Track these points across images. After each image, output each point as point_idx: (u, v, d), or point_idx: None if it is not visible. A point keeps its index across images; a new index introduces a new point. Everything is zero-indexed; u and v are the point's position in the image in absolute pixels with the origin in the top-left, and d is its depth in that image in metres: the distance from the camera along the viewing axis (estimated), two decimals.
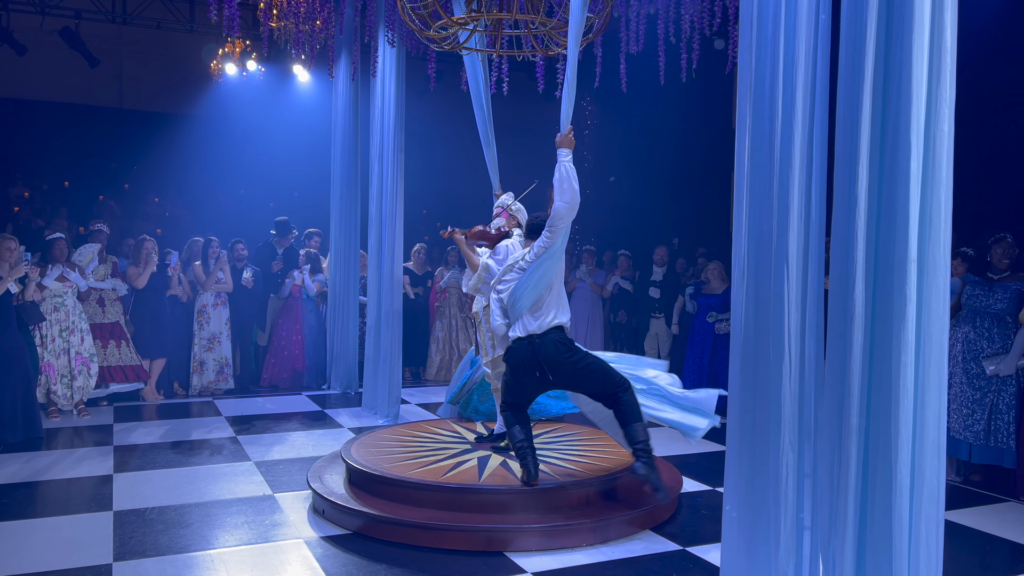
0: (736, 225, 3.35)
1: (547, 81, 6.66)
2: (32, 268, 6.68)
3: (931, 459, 2.77)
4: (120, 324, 7.73)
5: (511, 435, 4.64)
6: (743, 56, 3.32)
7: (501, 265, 5.18)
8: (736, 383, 3.34)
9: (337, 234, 8.80)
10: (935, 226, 2.74)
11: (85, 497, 5.10)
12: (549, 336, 4.53)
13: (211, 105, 12.22)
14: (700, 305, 8.30)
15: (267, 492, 5.24)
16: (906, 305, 2.75)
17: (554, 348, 4.50)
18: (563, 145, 4.46)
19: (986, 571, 4.19)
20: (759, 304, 3.24)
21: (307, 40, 7.81)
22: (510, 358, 4.63)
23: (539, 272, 4.49)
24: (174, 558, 4.11)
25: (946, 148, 2.74)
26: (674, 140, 11.00)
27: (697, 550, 4.31)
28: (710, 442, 6.77)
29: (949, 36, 2.72)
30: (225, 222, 10.58)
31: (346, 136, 8.77)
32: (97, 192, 12.02)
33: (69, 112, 11.87)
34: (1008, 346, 5.39)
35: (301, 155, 12.13)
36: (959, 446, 5.53)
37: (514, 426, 4.63)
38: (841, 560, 2.91)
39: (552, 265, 4.52)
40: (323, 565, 4.06)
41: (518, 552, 4.22)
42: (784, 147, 3.15)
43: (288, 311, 8.96)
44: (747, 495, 3.27)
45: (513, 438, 4.62)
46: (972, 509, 5.08)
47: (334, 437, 6.72)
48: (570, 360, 4.53)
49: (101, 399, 7.69)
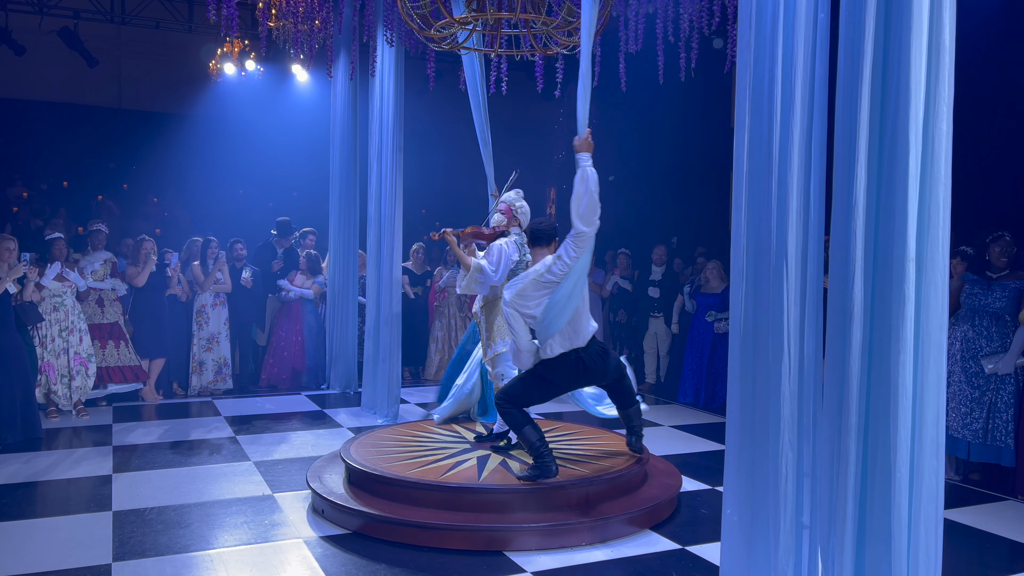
0: (735, 224, 3.35)
1: (546, 81, 6.66)
2: (30, 268, 6.68)
3: (930, 458, 2.77)
4: (119, 324, 7.73)
5: (525, 437, 4.58)
6: (742, 55, 3.32)
7: (494, 265, 5.17)
8: (735, 382, 3.34)
9: (336, 234, 8.80)
10: (934, 225, 2.74)
11: (84, 497, 5.10)
12: (593, 347, 4.56)
13: (210, 105, 12.22)
14: (699, 304, 8.31)
15: (266, 492, 5.24)
16: (904, 304, 2.75)
17: (599, 357, 4.58)
18: (582, 149, 4.24)
19: (985, 569, 4.20)
20: (758, 303, 3.24)
21: (306, 40, 7.80)
22: (550, 371, 4.54)
23: (569, 289, 4.35)
24: (173, 558, 4.11)
25: (944, 147, 2.74)
26: (673, 139, 11.00)
27: (697, 549, 4.31)
28: (709, 441, 6.79)
29: (948, 35, 2.72)
30: (224, 222, 10.57)
31: (345, 136, 8.76)
32: (96, 192, 12.01)
33: (68, 112, 11.86)
34: (1007, 345, 5.40)
35: (300, 155, 12.12)
36: (958, 445, 5.54)
37: (526, 426, 4.58)
38: (840, 559, 2.92)
39: (582, 280, 4.43)
40: (323, 565, 4.06)
41: (518, 551, 4.22)
42: (783, 146, 3.15)
43: (287, 311, 8.95)
44: (746, 494, 3.28)
45: (528, 439, 4.56)
46: (971, 508, 5.09)
47: (333, 437, 6.72)
48: (607, 363, 4.63)
49: (100, 399, 7.69)
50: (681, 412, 7.96)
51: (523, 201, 5.41)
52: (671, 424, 7.43)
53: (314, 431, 6.97)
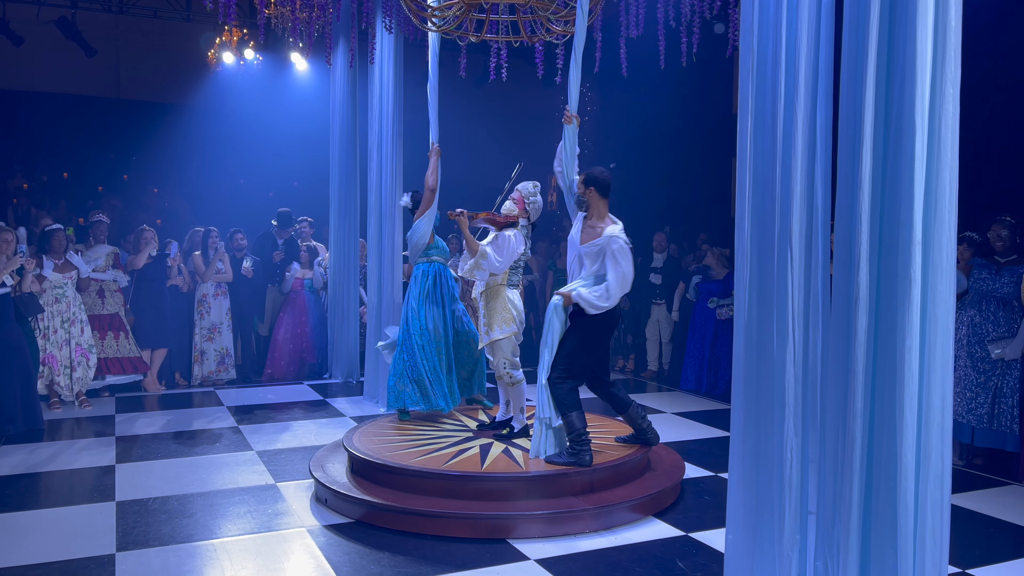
0: (739, 209, 3.32)
1: (547, 67, 6.61)
2: (28, 260, 6.67)
3: (936, 443, 2.75)
4: (119, 316, 7.71)
5: (571, 422, 4.56)
6: (745, 38, 3.28)
7: (500, 254, 5.13)
8: (739, 368, 3.32)
9: (336, 223, 8.77)
10: (940, 208, 2.71)
11: (87, 488, 5.10)
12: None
13: (209, 94, 12.16)
14: (701, 291, 8.29)
15: (269, 481, 5.23)
16: (911, 288, 2.72)
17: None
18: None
19: (989, 554, 4.18)
20: (762, 289, 3.22)
21: (304, 27, 7.76)
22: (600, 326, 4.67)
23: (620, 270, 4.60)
24: (177, 548, 4.11)
25: (951, 129, 2.70)
26: (674, 125, 10.94)
27: (701, 536, 4.30)
28: (712, 428, 6.78)
29: (953, 15, 2.68)
30: (225, 212, 10.55)
31: (345, 124, 8.72)
32: (96, 183, 11.98)
33: (67, 103, 11.81)
34: (1014, 330, 5.37)
35: (300, 144, 12.07)
36: (963, 429, 5.52)
37: (574, 412, 4.57)
38: (846, 545, 2.90)
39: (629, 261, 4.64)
40: (326, 554, 4.05)
41: (521, 539, 4.22)
42: (787, 129, 3.12)
43: (291, 304, 8.92)
44: (751, 480, 3.26)
45: (574, 426, 4.56)
46: (975, 492, 5.08)
47: (336, 426, 6.71)
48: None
49: (102, 390, 7.68)
50: (684, 399, 7.95)
51: (539, 196, 5.32)
52: (674, 411, 7.42)
53: (316, 420, 6.96)
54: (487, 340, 5.22)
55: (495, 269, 5.14)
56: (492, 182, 6.74)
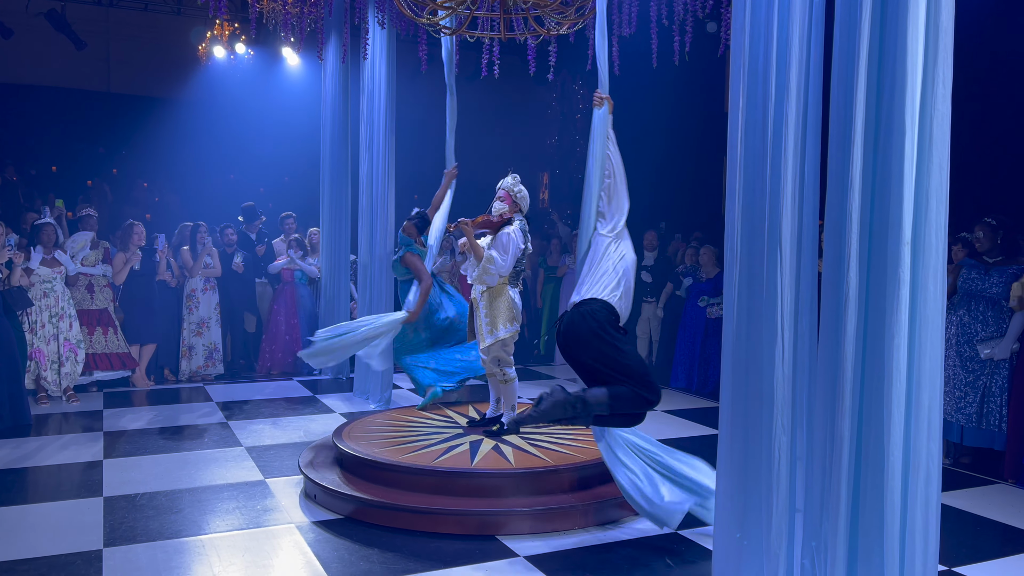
0: (729, 208, 3.32)
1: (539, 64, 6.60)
2: (15, 253, 6.62)
3: (926, 441, 2.76)
4: (108, 311, 7.67)
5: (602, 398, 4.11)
6: (736, 37, 3.28)
7: (504, 254, 5.08)
8: (728, 367, 3.33)
9: (327, 219, 8.74)
10: (930, 208, 2.72)
11: (75, 483, 5.07)
12: None
13: (200, 89, 12.11)
14: (691, 290, 8.30)
15: (258, 477, 5.22)
16: (900, 288, 2.73)
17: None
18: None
19: (976, 552, 4.21)
20: (752, 287, 3.22)
21: (296, 22, 7.71)
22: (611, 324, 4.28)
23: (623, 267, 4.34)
24: (165, 543, 4.09)
25: (942, 129, 2.71)
26: (666, 124, 10.95)
27: (689, 533, 4.32)
28: (702, 426, 6.80)
29: (945, 15, 2.69)
30: (215, 207, 10.50)
31: (336, 120, 8.69)
32: (86, 177, 11.92)
33: (56, 96, 11.74)
34: (1003, 330, 5.40)
35: (291, 139, 12.03)
36: (951, 428, 5.56)
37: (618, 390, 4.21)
38: (834, 543, 2.91)
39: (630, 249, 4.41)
40: (315, 550, 4.05)
41: (511, 535, 4.22)
42: (777, 128, 3.12)
43: (282, 297, 8.90)
44: (739, 478, 3.27)
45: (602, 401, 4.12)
46: (962, 491, 5.11)
47: (326, 422, 6.70)
48: None
49: (90, 385, 7.64)
50: (673, 397, 7.96)
51: (521, 186, 5.28)
52: (663, 409, 7.43)
53: (306, 416, 6.95)
54: (492, 340, 5.19)
55: (502, 270, 5.10)
56: (483, 179, 6.74)
